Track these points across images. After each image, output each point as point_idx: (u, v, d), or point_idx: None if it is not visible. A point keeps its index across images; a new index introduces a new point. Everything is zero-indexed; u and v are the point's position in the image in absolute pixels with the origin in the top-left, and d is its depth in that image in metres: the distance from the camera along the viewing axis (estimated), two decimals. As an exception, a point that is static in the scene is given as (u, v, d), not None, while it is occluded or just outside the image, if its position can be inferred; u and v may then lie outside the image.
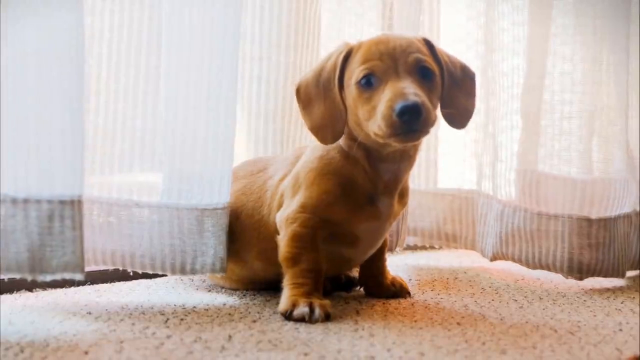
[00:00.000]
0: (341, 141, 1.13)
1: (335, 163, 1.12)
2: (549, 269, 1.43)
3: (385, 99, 1.01)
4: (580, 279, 1.41)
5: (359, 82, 1.05)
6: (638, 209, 1.50)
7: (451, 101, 1.11)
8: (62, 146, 0.99)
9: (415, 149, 1.14)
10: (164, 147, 1.17)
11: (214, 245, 1.16)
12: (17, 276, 0.99)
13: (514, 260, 1.47)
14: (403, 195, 1.19)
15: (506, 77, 1.50)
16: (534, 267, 1.45)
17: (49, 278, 0.99)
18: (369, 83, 1.05)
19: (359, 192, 1.11)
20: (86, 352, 0.87)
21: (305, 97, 1.12)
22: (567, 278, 1.42)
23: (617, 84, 1.48)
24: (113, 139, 1.17)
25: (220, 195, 1.17)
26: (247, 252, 1.20)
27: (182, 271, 1.16)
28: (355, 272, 1.31)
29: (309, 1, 1.42)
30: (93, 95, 1.17)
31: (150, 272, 1.17)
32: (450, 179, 1.69)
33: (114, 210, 1.15)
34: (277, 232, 1.13)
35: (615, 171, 1.49)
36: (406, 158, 1.13)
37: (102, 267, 1.22)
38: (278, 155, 1.31)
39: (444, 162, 1.70)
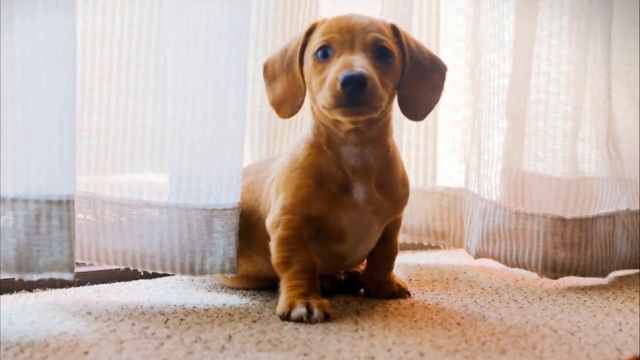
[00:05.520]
0: (309, 131, 1.13)
1: (303, 156, 1.12)
2: (525, 268, 1.43)
3: (333, 69, 1.03)
4: (555, 277, 1.41)
5: (315, 54, 1.07)
6: (633, 209, 1.49)
7: (412, 89, 1.11)
8: (51, 146, 0.99)
9: (381, 132, 1.12)
10: (172, 145, 1.16)
11: (223, 246, 1.16)
12: (5, 275, 0.99)
13: (494, 258, 1.47)
14: (389, 189, 1.14)
15: (495, 79, 1.49)
16: (512, 266, 1.44)
17: (35, 277, 0.99)
18: (324, 55, 1.06)
19: (330, 182, 1.11)
20: (86, 352, 0.87)
21: (271, 73, 1.15)
22: (541, 277, 1.42)
23: (601, 83, 1.47)
24: (124, 138, 1.18)
25: (229, 195, 1.16)
26: (251, 248, 1.20)
27: (192, 271, 1.16)
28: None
29: (297, 1, 1.42)
30: (105, 95, 1.17)
31: (160, 272, 1.18)
32: (440, 177, 1.67)
33: (126, 210, 1.15)
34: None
35: (596, 171, 1.48)
36: (369, 141, 1.11)
37: (112, 267, 1.22)
38: (280, 156, 1.31)
39: (436, 160, 1.68)
